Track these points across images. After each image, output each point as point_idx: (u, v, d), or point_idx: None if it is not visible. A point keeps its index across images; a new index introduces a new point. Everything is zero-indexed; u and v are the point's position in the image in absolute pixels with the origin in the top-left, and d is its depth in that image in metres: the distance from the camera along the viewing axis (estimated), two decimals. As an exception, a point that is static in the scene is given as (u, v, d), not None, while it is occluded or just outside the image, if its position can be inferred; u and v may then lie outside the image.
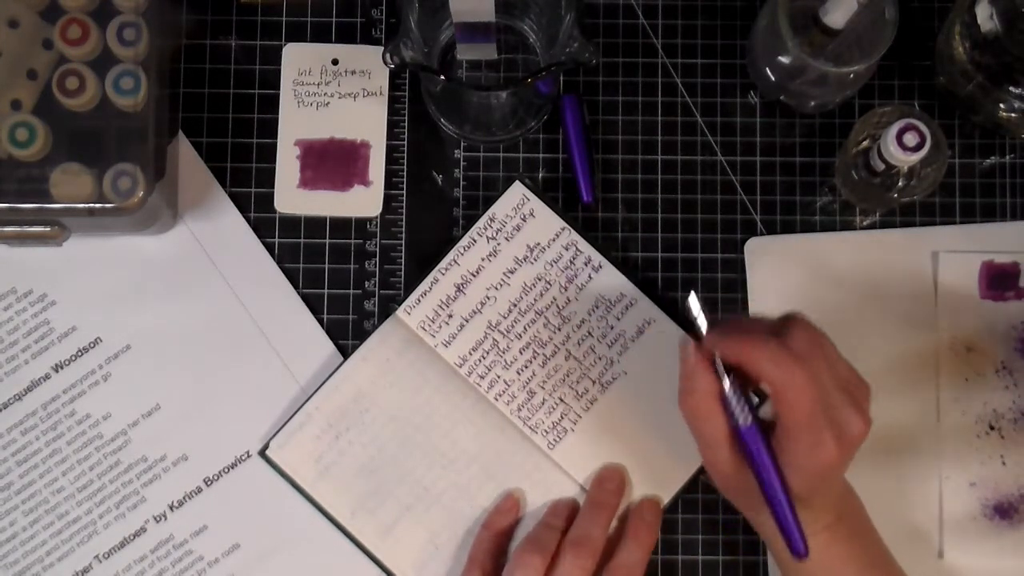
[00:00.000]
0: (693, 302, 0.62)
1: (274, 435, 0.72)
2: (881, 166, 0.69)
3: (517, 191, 0.74)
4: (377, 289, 0.75)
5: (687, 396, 0.61)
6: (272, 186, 0.75)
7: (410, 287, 0.74)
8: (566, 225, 0.74)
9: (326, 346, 0.74)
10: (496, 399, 0.72)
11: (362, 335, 0.74)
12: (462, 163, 0.75)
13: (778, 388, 0.58)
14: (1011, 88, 0.70)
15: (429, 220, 0.75)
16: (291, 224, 0.75)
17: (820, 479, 0.60)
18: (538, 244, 0.74)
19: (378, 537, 0.72)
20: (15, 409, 0.73)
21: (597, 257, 0.74)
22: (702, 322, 0.62)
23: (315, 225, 0.75)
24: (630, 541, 0.69)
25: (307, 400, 0.72)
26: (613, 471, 0.71)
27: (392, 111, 0.75)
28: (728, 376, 0.60)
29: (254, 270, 0.74)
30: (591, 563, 0.66)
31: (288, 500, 0.72)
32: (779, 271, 0.74)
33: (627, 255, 0.75)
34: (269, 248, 0.74)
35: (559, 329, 0.73)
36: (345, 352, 0.74)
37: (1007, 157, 0.76)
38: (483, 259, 0.74)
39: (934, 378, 0.73)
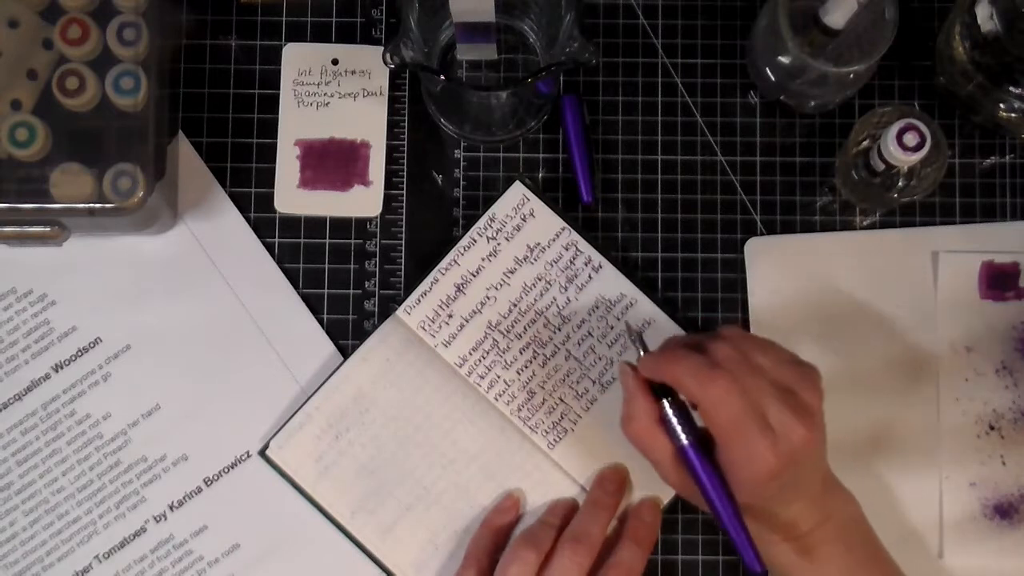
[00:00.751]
0: (629, 328, 0.65)
1: (274, 435, 0.72)
2: (881, 166, 0.69)
3: (517, 191, 0.74)
4: (377, 289, 0.75)
5: (628, 422, 0.63)
6: (272, 186, 0.75)
7: (410, 287, 0.74)
8: (566, 225, 0.74)
9: (326, 346, 0.74)
10: (496, 399, 0.72)
11: (362, 335, 0.74)
12: (462, 163, 0.75)
13: (699, 401, 0.59)
14: (1011, 88, 0.71)
15: (429, 220, 0.75)
16: (291, 224, 0.75)
17: (762, 488, 0.59)
18: (538, 244, 0.74)
19: (378, 537, 0.72)
20: (15, 409, 0.73)
21: (597, 257, 0.74)
22: (638, 347, 0.64)
23: (315, 225, 0.75)
24: (629, 540, 0.69)
25: (307, 400, 0.72)
26: (614, 471, 0.71)
27: (392, 111, 0.75)
28: (667, 398, 0.61)
29: (254, 270, 0.74)
30: (588, 560, 0.66)
31: (288, 500, 0.72)
32: (779, 271, 0.74)
33: (627, 255, 0.75)
34: (269, 248, 0.74)
35: (559, 329, 0.73)
36: (345, 352, 0.74)
37: (1007, 157, 0.76)
38: (483, 259, 0.74)
39: (934, 378, 0.73)
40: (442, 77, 0.68)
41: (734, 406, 0.58)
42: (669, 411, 0.61)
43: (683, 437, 0.61)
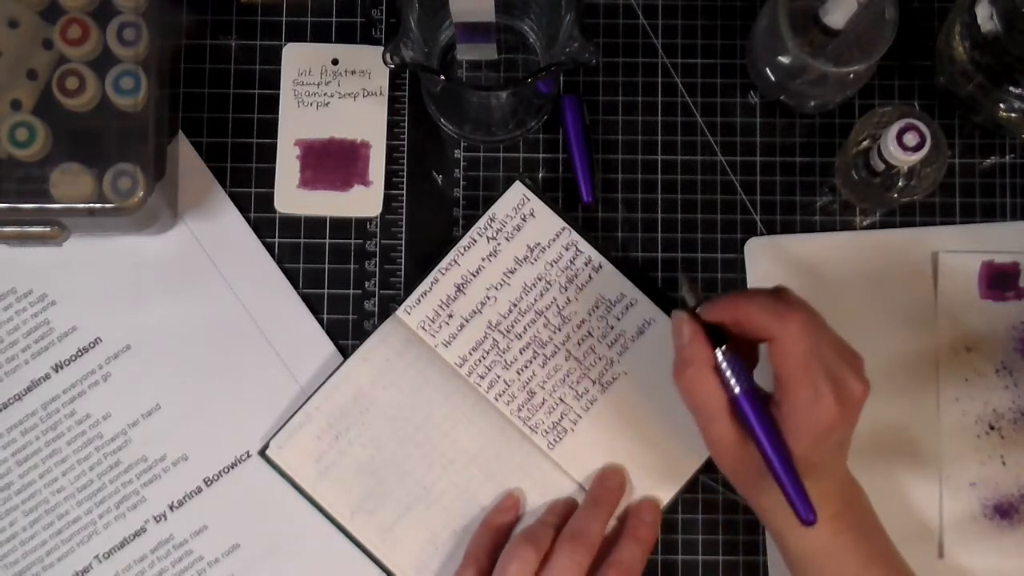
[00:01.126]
0: (683, 278, 0.63)
1: (274, 435, 0.72)
2: (881, 166, 0.69)
3: (517, 191, 0.74)
4: (377, 289, 0.75)
5: (682, 369, 0.60)
6: (272, 186, 0.75)
7: (410, 287, 0.74)
8: (566, 225, 0.74)
9: (326, 346, 0.74)
10: (496, 399, 0.72)
11: (362, 335, 0.74)
12: (462, 163, 0.75)
13: (772, 335, 0.58)
14: (1011, 88, 0.71)
15: (429, 220, 0.75)
16: (291, 224, 0.75)
17: (821, 440, 0.58)
18: (538, 244, 0.74)
19: (378, 537, 0.72)
20: (15, 409, 0.73)
21: (597, 257, 0.74)
22: (693, 295, 0.62)
23: (315, 225, 0.75)
24: (629, 539, 0.69)
25: (307, 400, 0.72)
26: (615, 471, 0.71)
27: (392, 111, 0.75)
28: (722, 347, 0.60)
29: (254, 270, 0.74)
30: (586, 558, 0.66)
31: (288, 500, 0.72)
32: (779, 271, 0.74)
33: (627, 255, 0.75)
34: (269, 248, 0.74)
35: (559, 329, 0.73)
36: (345, 352, 0.74)
37: (1007, 157, 0.76)
38: (483, 259, 0.74)
39: (934, 378, 0.73)
40: (442, 77, 0.68)
41: (808, 345, 0.57)
42: (723, 359, 0.59)
43: (744, 383, 0.59)
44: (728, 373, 0.60)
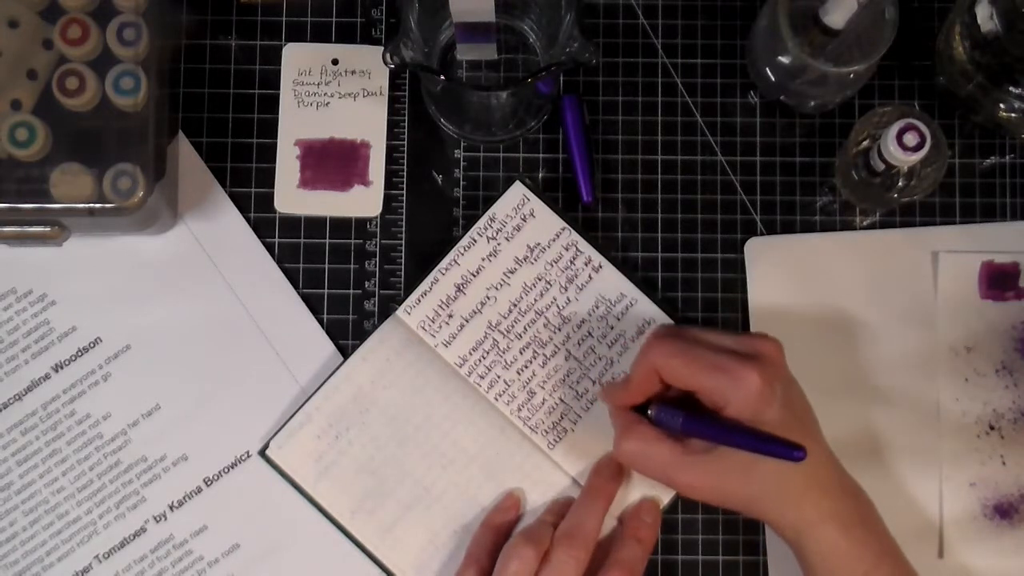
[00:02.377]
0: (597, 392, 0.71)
1: (274, 435, 0.72)
2: (881, 166, 0.69)
3: (517, 191, 0.74)
4: (377, 289, 0.75)
5: (619, 448, 0.67)
6: (272, 186, 0.75)
7: (410, 287, 0.74)
8: (566, 225, 0.74)
9: (326, 346, 0.74)
10: (496, 399, 0.72)
11: (362, 335, 0.74)
12: (462, 163, 0.75)
13: (663, 372, 0.65)
14: (1011, 88, 0.71)
15: (429, 220, 0.75)
16: (291, 224, 0.75)
17: (760, 404, 0.62)
18: (538, 244, 0.74)
19: (378, 537, 0.72)
20: (15, 409, 0.73)
21: (597, 257, 0.74)
22: (607, 392, 0.70)
23: (315, 225, 0.75)
24: (630, 539, 0.69)
25: (307, 400, 0.72)
26: (609, 460, 0.71)
27: (392, 111, 0.75)
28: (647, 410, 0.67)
29: (254, 270, 0.74)
30: (584, 554, 0.66)
31: (288, 500, 0.72)
32: (779, 271, 0.74)
33: (627, 255, 0.75)
34: (269, 248, 0.74)
35: (559, 329, 0.73)
36: (345, 352, 0.74)
37: (1007, 157, 0.76)
38: (483, 259, 0.74)
39: (934, 378, 0.73)
40: (442, 77, 0.68)
41: (691, 359, 0.64)
42: (653, 413, 0.67)
43: (677, 417, 0.65)
44: (662, 418, 0.66)
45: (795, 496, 0.64)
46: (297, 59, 0.75)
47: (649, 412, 0.67)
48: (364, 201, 0.75)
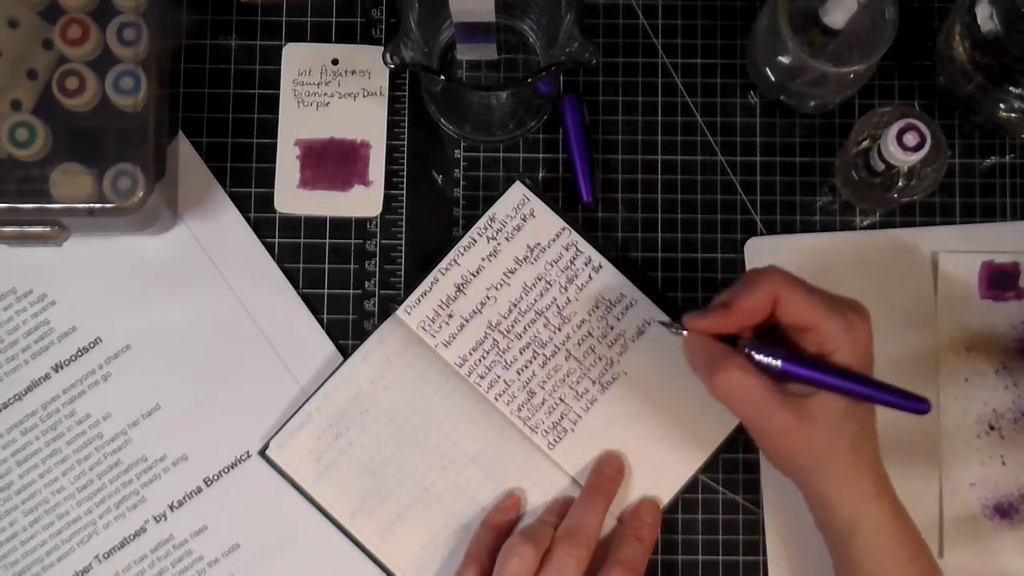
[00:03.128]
0: (667, 324, 0.65)
1: (274, 435, 0.72)
2: (881, 166, 0.69)
3: (517, 191, 0.74)
4: (377, 289, 0.75)
5: (711, 378, 0.61)
6: (272, 186, 0.75)
7: (410, 287, 0.74)
8: (566, 225, 0.74)
9: (326, 346, 0.74)
10: (496, 399, 0.72)
11: (362, 335, 0.74)
12: (462, 163, 0.75)
13: (781, 303, 0.61)
14: (1011, 88, 0.71)
15: (429, 220, 0.75)
16: (291, 224, 0.75)
17: (867, 348, 0.61)
18: (538, 244, 0.74)
19: (378, 537, 0.72)
20: (15, 409, 0.73)
21: (597, 257, 0.74)
22: (675, 323, 0.64)
23: (315, 225, 0.75)
24: (631, 539, 0.69)
25: (307, 400, 0.72)
26: (612, 458, 0.71)
27: (392, 111, 0.75)
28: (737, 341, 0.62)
29: (254, 270, 0.74)
30: (585, 552, 0.66)
31: (288, 500, 0.72)
32: (779, 271, 0.74)
33: (627, 255, 0.75)
34: (269, 248, 0.74)
35: (559, 329, 0.73)
36: (345, 352, 0.74)
37: (1007, 157, 0.76)
38: (483, 259, 0.74)
39: (934, 378, 0.73)
40: (442, 77, 0.68)
41: (812, 295, 0.61)
42: (748, 348, 0.62)
43: (779, 357, 0.61)
44: (760, 357, 0.61)
45: (864, 463, 0.62)
46: (297, 59, 0.75)
47: (744, 348, 0.61)
48: (364, 201, 0.75)
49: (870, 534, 0.62)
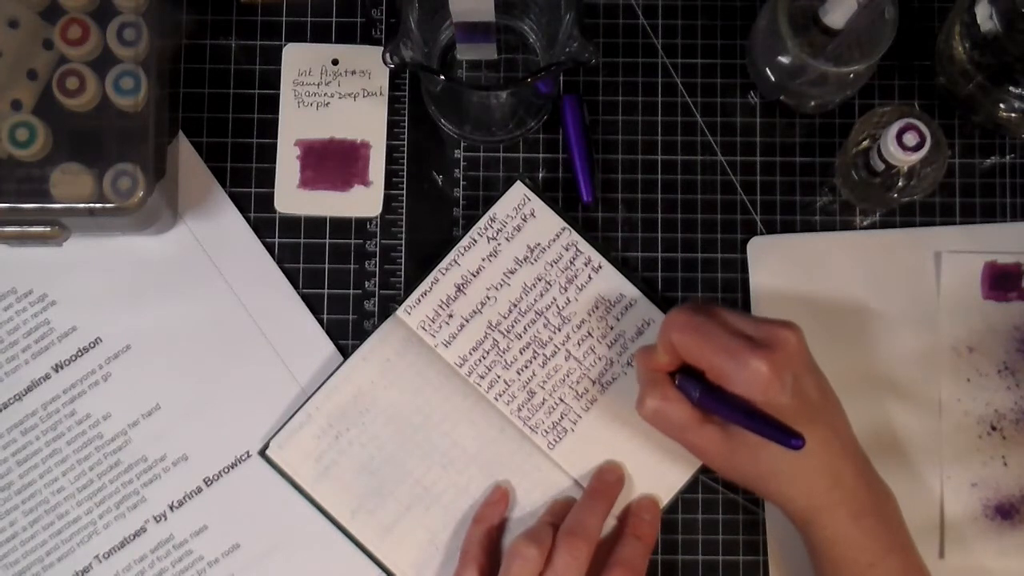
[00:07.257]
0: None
1: (274, 435, 0.72)
2: (881, 166, 0.69)
3: (518, 191, 0.74)
4: (377, 289, 0.75)
5: (641, 401, 0.66)
6: (272, 186, 0.75)
7: (410, 287, 0.74)
8: (566, 225, 0.74)
9: (326, 346, 0.74)
10: (496, 399, 0.72)
11: (362, 335, 0.74)
12: (462, 163, 0.75)
13: (677, 347, 0.64)
14: (1011, 88, 0.70)
15: (429, 220, 0.75)
16: (291, 224, 0.75)
17: (770, 389, 0.62)
18: (538, 244, 0.74)
19: (378, 537, 0.72)
20: (15, 409, 0.73)
21: (597, 257, 0.74)
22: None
23: (315, 225, 0.75)
24: (631, 538, 0.69)
25: (307, 400, 0.72)
26: (613, 466, 0.72)
27: (392, 111, 0.75)
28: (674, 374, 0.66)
29: (254, 270, 0.74)
30: (586, 552, 0.66)
31: (288, 500, 0.72)
32: (779, 271, 0.74)
33: (627, 255, 0.75)
34: (269, 248, 0.74)
35: (559, 329, 0.73)
36: (345, 352, 0.74)
37: (1007, 157, 0.76)
38: (483, 259, 0.74)
39: (936, 378, 0.73)
40: (442, 77, 0.68)
41: (707, 335, 0.63)
42: (677, 379, 0.66)
43: (697, 390, 0.65)
44: (684, 386, 0.66)
45: (805, 482, 0.64)
46: (297, 59, 0.75)
47: (675, 378, 0.67)
48: (364, 201, 0.75)
49: (823, 543, 0.65)
